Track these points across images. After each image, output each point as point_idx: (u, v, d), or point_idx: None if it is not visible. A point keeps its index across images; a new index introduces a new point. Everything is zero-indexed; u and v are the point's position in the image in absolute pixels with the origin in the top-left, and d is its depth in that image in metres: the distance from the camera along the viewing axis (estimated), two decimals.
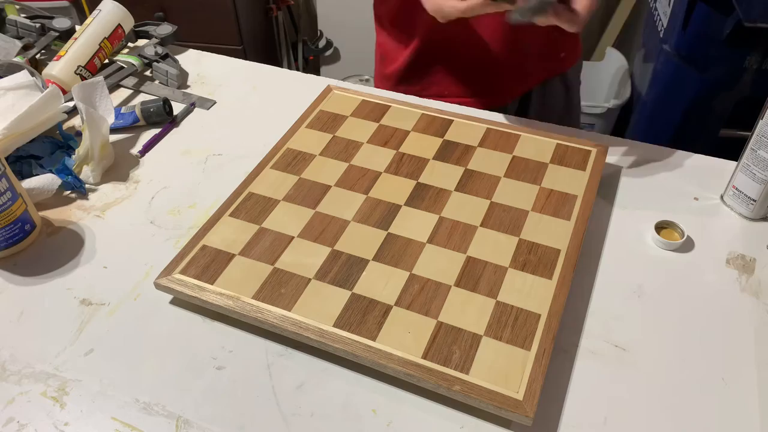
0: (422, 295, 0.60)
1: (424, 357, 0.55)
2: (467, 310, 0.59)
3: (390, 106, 0.85)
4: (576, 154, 0.76)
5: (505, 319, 0.58)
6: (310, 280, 0.62)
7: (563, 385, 0.56)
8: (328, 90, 0.88)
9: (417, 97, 0.90)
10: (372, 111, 0.84)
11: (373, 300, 0.60)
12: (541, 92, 1.02)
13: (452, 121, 0.82)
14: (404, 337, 0.56)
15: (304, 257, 0.64)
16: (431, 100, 0.90)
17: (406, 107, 0.85)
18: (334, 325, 0.57)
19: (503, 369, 0.54)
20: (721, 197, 0.73)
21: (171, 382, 0.57)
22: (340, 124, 0.82)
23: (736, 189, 0.71)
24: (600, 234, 0.70)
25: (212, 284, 0.61)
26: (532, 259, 0.64)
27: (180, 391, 0.56)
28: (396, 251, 0.64)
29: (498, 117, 0.85)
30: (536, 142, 0.78)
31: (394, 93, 0.91)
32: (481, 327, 0.57)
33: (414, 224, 0.68)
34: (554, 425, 0.53)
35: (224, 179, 0.77)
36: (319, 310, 0.59)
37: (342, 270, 0.63)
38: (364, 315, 0.58)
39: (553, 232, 0.66)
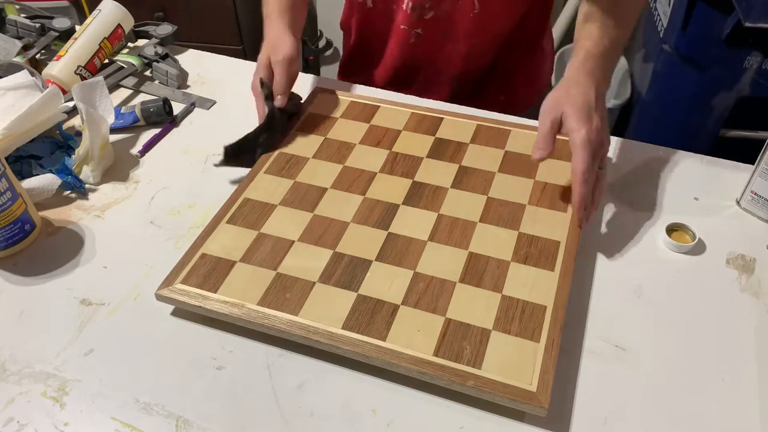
0: (428, 293, 0.60)
1: (436, 354, 0.55)
2: (474, 306, 0.59)
3: (379, 107, 0.85)
4: (568, 147, 0.75)
5: (512, 313, 0.58)
6: (314, 283, 0.61)
7: (564, 384, 0.56)
8: (315, 93, 0.88)
9: (403, 95, 0.90)
10: (361, 112, 0.84)
11: (379, 300, 0.60)
12: None
13: (442, 119, 0.82)
14: (414, 336, 0.56)
15: (307, 261, 0.64)
16: (417, 98, 0.89)
17: (395, 107, 0.84)
18: (342, 328, 0.57)
19: (515, 362, 0.54)
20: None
21: (171, 382, 0.57)
22: (330, 126, 0.82)
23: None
24: (599, 233, 0.70)
25: (215, 293, 0.61)
26: (533, 251, 0.64)
27: (180, 391, 0.56)
28: (398, 250, 0.64)
29: (486, 114, 0.85)
30: (527, 137, 0.78)
31: (382, 92, 0.91)
32: (489, 321, 0.57)
33: (413, 223, 0.68)
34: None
35: (224, 179, 0.77)
36: (326, 312, 0.59)
37: (346, 272, 0.62)
38: (372, 316, 0.58)
39: (551, 224, 0.67)
